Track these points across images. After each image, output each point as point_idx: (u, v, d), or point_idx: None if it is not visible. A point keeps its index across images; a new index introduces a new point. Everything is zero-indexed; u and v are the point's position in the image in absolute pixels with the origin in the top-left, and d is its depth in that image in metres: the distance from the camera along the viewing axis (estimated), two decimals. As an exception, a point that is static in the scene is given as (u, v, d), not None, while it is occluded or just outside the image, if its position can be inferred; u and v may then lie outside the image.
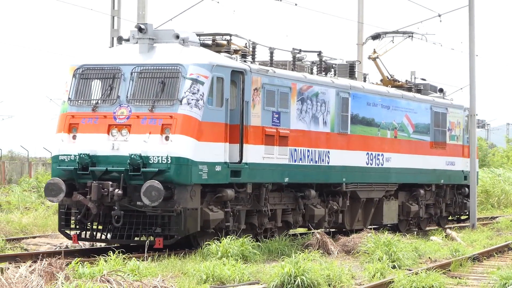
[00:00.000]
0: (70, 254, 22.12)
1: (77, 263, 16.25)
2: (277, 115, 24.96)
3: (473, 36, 36.63)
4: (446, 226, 35.85)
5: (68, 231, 22.89)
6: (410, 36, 35.85)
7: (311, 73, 28.27)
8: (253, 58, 25.64)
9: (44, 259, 15.35)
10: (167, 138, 21.96)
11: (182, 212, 21.95)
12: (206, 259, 20.28)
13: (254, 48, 25.87)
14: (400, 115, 31.61)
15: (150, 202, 21.41)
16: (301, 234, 27.13)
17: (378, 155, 30.09)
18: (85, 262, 16.60)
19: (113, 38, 32.52)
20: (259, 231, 24.96)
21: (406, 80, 34.92)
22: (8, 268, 15.29)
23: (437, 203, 34.81)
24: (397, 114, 31.43)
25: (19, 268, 14.95)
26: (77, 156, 22.27)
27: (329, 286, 18.20)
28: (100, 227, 22.82)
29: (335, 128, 27.74)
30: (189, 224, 22.18)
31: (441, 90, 36.51)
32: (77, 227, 22.73)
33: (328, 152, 27.33)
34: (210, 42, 25.11)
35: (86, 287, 13.65)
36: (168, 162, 21.80)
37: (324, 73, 28.99)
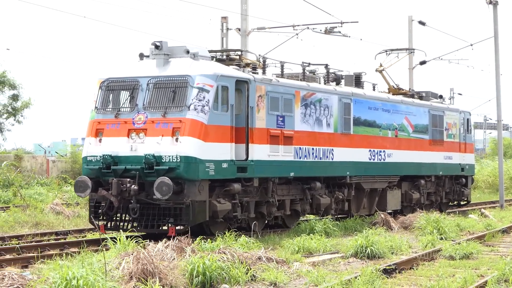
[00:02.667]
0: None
1: (200, 239, 15.97)
2: (281, 118, 22.08)
3: (498, 60, 36.03)
4: (448, 210, 32.69)
5: (96, 222, 20.22)
6: (412, 52, 32.55)
7: (326, 82, 25.40)
8: (264, 70, 22.78)
9: (176, 237, 15.51)
10: (177, 140, 19.28)
11: (191, 204, 19.25)
12: (298, 235, 19.94)
13: (264, 61, 23.00)
14: (400, 117, 28.47)
15: (162, 196, 18.81)
16: (368, 215, 26.44)
17: (380, 151, 27.01)
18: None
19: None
20: (268, 219, 22.10)
21: (410, 89, 31.82)
22: (149, 245, 15.01)
23: (437, 191, 31.58)
24: (397, 116, 28.29)
25: (157, 244, 15.02)
26: (102, 157, 19.72)
27: (392, 254, 18.32)
28: (126, 217, 20.19)
29: (338, 129, 24.71)
30: (198, 214, 19.46)
31: (440, 97, 33.22)
32: (104, 218, 20.07)
33: (332, 149, 24.34)
34: (224, 57, 22.32)
35: (208, 257, 13.61)
36: (178, 161, 19.14)
37: (335, 82, 26.05)
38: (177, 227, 19.45)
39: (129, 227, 19.78)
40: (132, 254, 13.19)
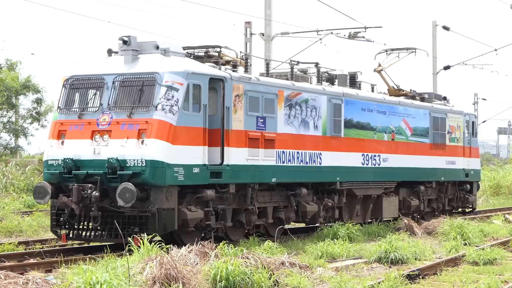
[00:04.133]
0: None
1: (223, 244, 15.67)
2: (262, 120, 20.48)
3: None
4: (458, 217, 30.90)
5: (58, 231, 18.68)
6: (413, 51, 30.81)
7: (318, 82, 23.84)
8: (246, 68, 21.19)
9: (199, 243, 15.21)
10: (142, 142, 17.73)
11: (157, 212, 17.68)
12: (321, 240, 19.92)
13: (246, 59, 21.47)
14: (397, 119, 26.76)
15: (125, 203, 17.30)
16: (392, 220, 26.23)
17: (375, 156, 25.30)
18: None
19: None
20: (247, 227, 20.49)
21: (411, 90, 30.03)
22: (172, 249, 14.81)
23: (439, 198, 29.84)
24: (394, 118, 26.58)
25: (180, 249, 14.80)
26: (63, 161, 18.19)
27: (415, 259, 18.06)
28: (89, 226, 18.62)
29: (327, 131, 23.04)
30: (166, 223, 17.90)
31: (444, 98, 31.50)
32: (67, 226, 18.51)
33: (320, 153, 22.69)
34: (202, 54, 20.75)
35: (231, 262, 13.44)
36: (143, 165, 17.59)
37: (328, 83, 24.49)
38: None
39: (91, 236, 18.25)
40: (156, 259, 13.05)
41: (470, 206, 32.27)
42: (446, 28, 40.03)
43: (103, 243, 18.81)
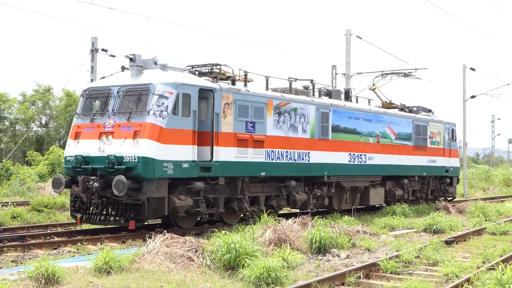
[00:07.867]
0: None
1: (317, 218, 15.01)
2: (251, 124, 16.70)
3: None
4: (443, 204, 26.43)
5: (75, 215, 15.36)
6: (404, 75, 26.46)
7: (317, 95, 20.11)
8: (245, 83, 17.48)
9: (300, 216, 14.54)
10: (137, 142, 14.21)
11: (148, 200, 14.21)
12: (384, 216, 19.66)
13: (245, 75, 17.73)
14: (383, 126, 22.53)
15: (118, 192, 13.92)
16: (433, 201, 25.70)
17: (361, 155, 21.17)
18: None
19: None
20: (239, 213, 16.76)
21: (400, 103, 25.66)
22: (282, 220, 13.66)
23: (422, 189, 25.38)
24: (379, 125, 22.36)
25: (288, 220, 13.87)
26: (75, 157, 14.86)
27: (450, 230, 17.32)
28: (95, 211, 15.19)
29: (316, 134, 19.10)
30: (155, 210, 14.38)
31: (430, 110, 26.98)
32: (81, 211, 15.16)
33: (308, 153, 18.76)
34: (206, 71, 17.13)
35: (322, 230, 13.27)
36: (136, 161, 14.11)
37: (327, 96, 20.61)
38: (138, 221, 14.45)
39: (97, 220, 14.86)
40: (271, 227, 12.79)
41: (450, 195, 27.63)
42: (472, 69, 38.69)
43: (110, 226, 15.37)
